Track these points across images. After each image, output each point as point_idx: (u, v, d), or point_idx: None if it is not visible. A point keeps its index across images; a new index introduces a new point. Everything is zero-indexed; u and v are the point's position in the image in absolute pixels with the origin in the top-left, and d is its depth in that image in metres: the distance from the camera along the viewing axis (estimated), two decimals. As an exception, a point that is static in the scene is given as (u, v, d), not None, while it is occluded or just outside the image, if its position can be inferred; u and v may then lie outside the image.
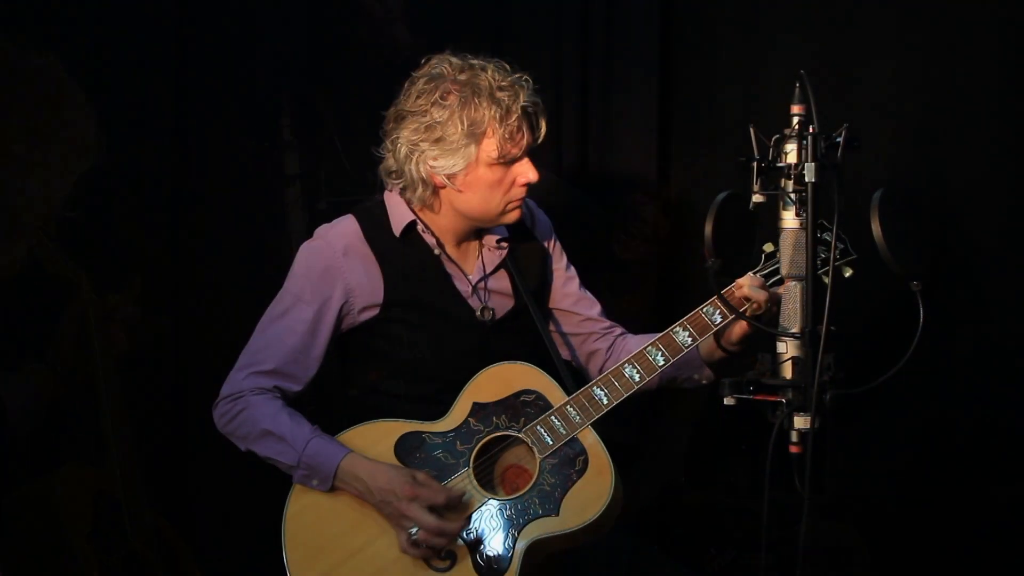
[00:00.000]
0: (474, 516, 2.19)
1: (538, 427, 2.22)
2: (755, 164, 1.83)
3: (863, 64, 2.96)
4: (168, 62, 3.01)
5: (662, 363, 2.21)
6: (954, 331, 2.88)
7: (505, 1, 3.19)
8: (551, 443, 2.21)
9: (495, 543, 2.17)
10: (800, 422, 1.79)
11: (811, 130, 1.78)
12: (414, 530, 2.14)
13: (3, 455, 2.87)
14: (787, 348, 1.85)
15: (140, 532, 2.98)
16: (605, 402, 2.21)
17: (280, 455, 2.21)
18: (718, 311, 2.19)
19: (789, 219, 1.86)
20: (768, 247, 2.16)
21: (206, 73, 3.04)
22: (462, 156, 2.19)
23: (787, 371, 1.84)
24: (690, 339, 2.20)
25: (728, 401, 1.85)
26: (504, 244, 2.40)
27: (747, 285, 2.14)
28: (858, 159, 1.82)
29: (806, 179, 1.78)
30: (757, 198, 1.84)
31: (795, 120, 1.83)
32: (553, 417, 2.22)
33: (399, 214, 2.31)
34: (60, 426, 2.96)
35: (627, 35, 3.14)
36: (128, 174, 2.99)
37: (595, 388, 2.22)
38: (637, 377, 2.22)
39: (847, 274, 2.10)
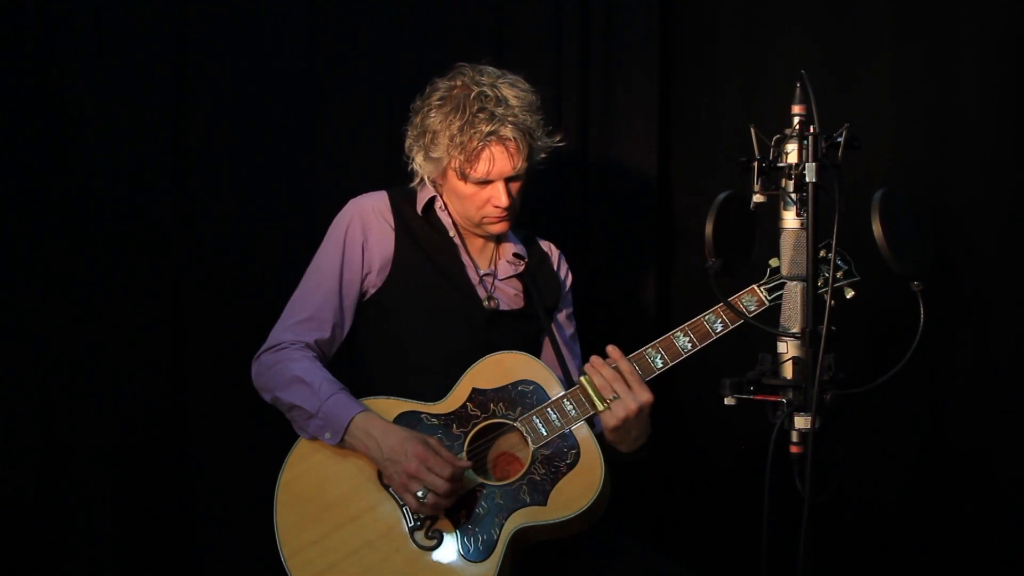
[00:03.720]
0: (464, 498, 2.21)
1: (534, 417, 2.25)
2: (755, 164, 1.83)
3: (863, 64, 2.96)
4: (168, 56, 3.00)
5: (660, 366, 2.24)
6: (954, 331, 2.88)
7: (505, 2, 3.18)
8: (545, 434, 2.24)
9: (482, 527, 2.19)
10: (800, 422, 1.80)
11: (811, 130, 1.79)
12: (421, 492, 2.14)
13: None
14: (787, 348, 1.85)
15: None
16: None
17: (303, 401, 2.24)
18: (719, 319, 2.21)
19: (789, 219, 1.86)
20: (774, 262, 2.16)
21: (207, 66, 3.03)
22: (434, 166, 2.33)
23: (787, 371, 1.84)
24: (690, 344, 2.23)
25: (728, 401, 1.86)
26: (521, 260, 2.47)
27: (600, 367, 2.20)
28: (858, 159, 1.83)
29: (807, 179, 1.78)
30: (758, 198, 1.84)
31: (795, 120, 1.83)
32: (549, 409, 2.25)
33: (424, 194, 2.43)
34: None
35: (627, 35, 3.14)
36: (127, 170, 2.98)
37: None
38: None
39: (849, 295, 2.13)
